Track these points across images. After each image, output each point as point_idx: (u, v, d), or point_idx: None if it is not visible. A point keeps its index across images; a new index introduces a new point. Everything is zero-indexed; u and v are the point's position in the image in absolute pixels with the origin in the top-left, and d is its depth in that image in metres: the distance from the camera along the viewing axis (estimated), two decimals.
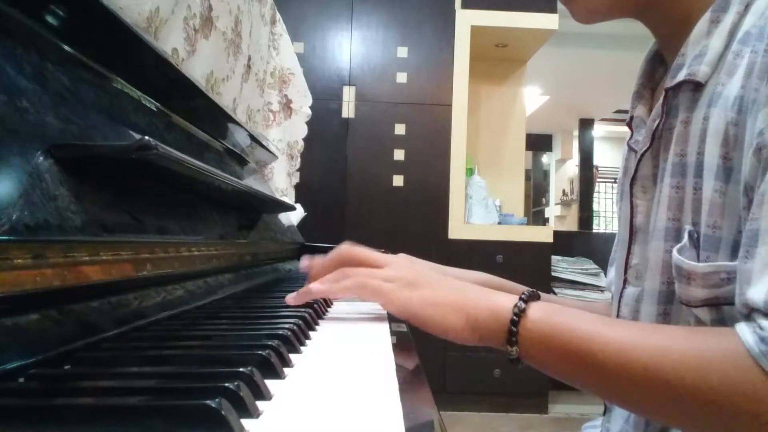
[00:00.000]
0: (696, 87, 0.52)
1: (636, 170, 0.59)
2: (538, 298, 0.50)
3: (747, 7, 0.50)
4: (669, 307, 0.54)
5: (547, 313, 0.48)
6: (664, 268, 0.54)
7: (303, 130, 1.68)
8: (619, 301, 0.61)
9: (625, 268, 0.60)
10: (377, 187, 2.61)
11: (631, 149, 0.63)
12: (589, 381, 0.46)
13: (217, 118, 0.93)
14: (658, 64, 0.64)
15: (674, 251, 0.50)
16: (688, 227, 0.50)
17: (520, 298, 0.49)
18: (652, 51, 0.65)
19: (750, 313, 0.40)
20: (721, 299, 0.47)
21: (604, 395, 0.47)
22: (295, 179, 1.74)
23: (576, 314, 0.48)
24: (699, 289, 0.48)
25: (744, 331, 0.39)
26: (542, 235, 2.65)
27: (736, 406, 0.38)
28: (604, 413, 0.67)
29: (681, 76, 0.53)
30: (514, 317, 0.47)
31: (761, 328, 0.38)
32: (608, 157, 9.19)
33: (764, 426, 0.37)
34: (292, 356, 0.39)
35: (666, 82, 0.55)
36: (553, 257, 2.66)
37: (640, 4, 0.57)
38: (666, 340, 0.42)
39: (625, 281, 0.60)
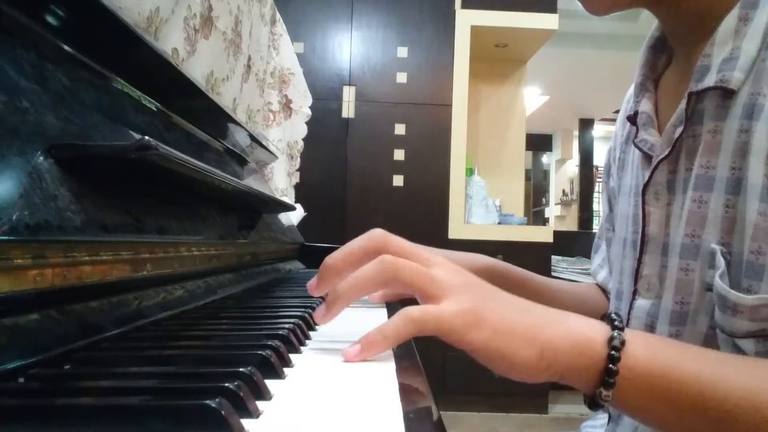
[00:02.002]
0: (725, 93, 0.48)
1: (650, 176, 0.54)
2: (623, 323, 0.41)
3: None
4: (681, 329, 0.51)
5: (652, 348, 0.39)
6: (678, 287, 0.51)
7: (303, 130, 1.68)
8: (629, 313, 0.58)
9: (635, 278, 0.57)
10: (377, 187, 2.61)
11: (638, 148, 0.58)
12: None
13: (217, 118, 0.93)
14: (660, 52, 0.61)
15: (716, 278, 0.46)
16: (717, 248, 0.46)
17: (614, 326, 0.39)
18: (654, 37, 0.61)
19: None
20: None
21: None
22: (295, 179, 1.74)
23: (682, 349, 0.40)
24: (746, 321, 0.44)
25: None
26: (542, 235, 2.65)
27: None
28: (608, 421, 0.65)
29: (710, 82, 0.48)
30: (613, 353, 0.38)
31: None
32: None
33: None
34: (292, 356, 0.39)
35: (690, 85, 0.50)
36: (553, 257, 2.66)
37: None
38: None
39: (635, 292, 0.57)
